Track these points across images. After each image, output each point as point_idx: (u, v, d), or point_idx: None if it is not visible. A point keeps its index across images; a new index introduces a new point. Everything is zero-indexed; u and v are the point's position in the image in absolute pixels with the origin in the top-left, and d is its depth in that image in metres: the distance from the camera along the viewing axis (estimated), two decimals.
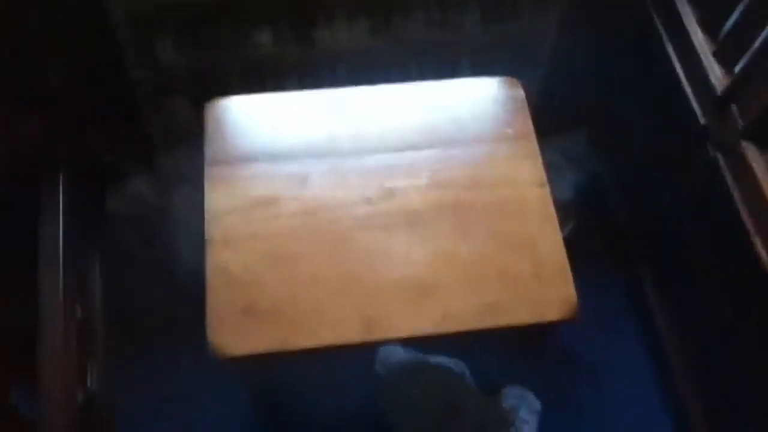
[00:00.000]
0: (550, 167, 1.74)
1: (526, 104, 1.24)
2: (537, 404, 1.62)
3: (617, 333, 1.79)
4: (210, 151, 1.16)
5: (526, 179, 1.16)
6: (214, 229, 1.09)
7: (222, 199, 1.11)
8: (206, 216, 1.10)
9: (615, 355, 1.79)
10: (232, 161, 1.15)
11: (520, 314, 1.05)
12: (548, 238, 1.11)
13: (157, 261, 1.84)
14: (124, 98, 1.74)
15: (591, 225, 1.88)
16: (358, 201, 1.12)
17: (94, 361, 1.41)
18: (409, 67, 1.78)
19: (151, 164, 1.87)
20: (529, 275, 1.08)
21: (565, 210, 1.82)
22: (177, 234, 1.86)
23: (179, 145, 1.87)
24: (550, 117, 1.92)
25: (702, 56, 1.33)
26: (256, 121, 1.19)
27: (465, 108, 1.22)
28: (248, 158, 1.15)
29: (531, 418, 1.58)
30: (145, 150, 1.84)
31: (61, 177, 1.58)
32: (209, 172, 1.14)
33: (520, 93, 1.25)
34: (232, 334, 1.01)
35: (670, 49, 1.43)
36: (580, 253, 1.20)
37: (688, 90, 1.37)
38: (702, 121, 1.34)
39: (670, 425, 1.68)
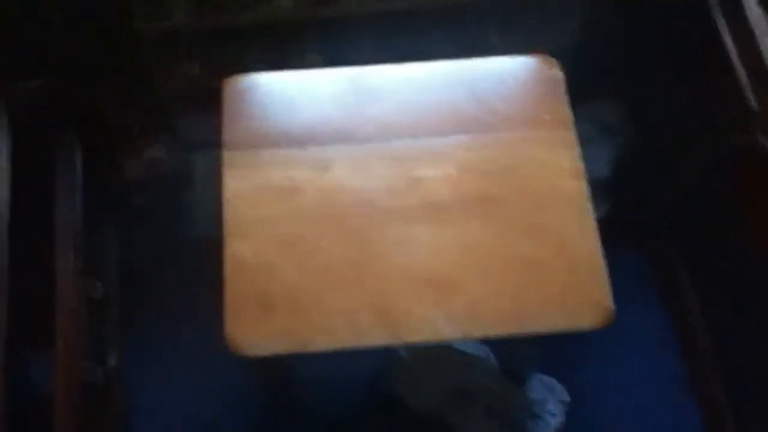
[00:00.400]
0: (584, 140, 1.66)
1: (563, 86, 1.15)
2: (565, 395, 1.58)
3: (647, 317, 1.74)
4: (228, 133, 1.10)
5: (561, 170, 1.09)
6: (231, 218, 1.04)
7: (240, 186, 1.06)
8: (224, 204, 1.05)
9: (644, 340, 1.74)
10: (250, 145, 1.09)
11: (552, 320, 1.00)
12: (584, 236, 1.05)
13: (174, 227, 1.81)
14: (139, 61, 1.68)
15: (626, 203, 1.80)
16: (383, 191, 1.06)
17: (112, 339, 1.39)
18: (435, 32, 1.69)
19: (168, 129, 1.82)
20: (563, 277, 1.02)
21: (600, 189, 1.74)
22: (195, 200, 1.82)
23: (197, 110, 1.82)
24: (584, 83, 1.83)
25: (758, 34, 1.23)
26: (277, 102, 1.13)
27: (498, 90, 1.14)
28: (268, 142, 1.09)
29: (558, 411, 1.54)
30: (161, 115, 1.79)
31: (77, 142, 1.53)
32: (227, 157, 1.09)
33: (558, 74, 1.16)
34: (250, 331, 0.97)
35: (721, 23, 1.32)
36: (612, 233, 1.13)
37: (739, 69, 1.27)
38: (753, 104, 1.25)
39: (698, 418, 1.65)
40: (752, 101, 1.25)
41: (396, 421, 1.50)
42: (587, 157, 1.74)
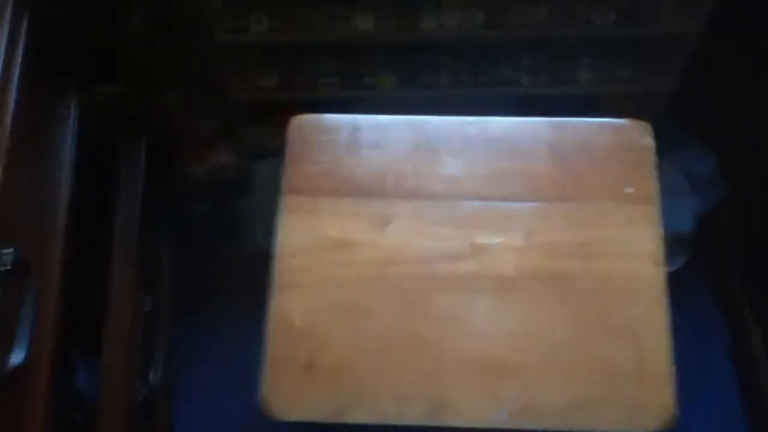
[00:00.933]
0: (671, 190, 1.55)
1: (653, 157, 1.05)
2: None
3: (713, 379, 1.62)
4: (289, 177, 1.05)
5: (641, 253, 0.99)
6: (282, 269, 1.00)
7: (295, 235, 1.01)
8: (276, 254, 1.01)
9: (705, 402, 1.63)
10: (311, 192, 1.04)
11: (612, 418, 0.92)
12: (655, 330, 0.95)
13: (233, 237, 1.80)
14: (210, 67, 1.66)
15: (705, 258, 1.68)
16: (443, 255, 1.00)
17: (159, 354, 1.39)
18: (521, 64, 1.59)
19: (236, 136, 1.80)
20: (629, 372, 0.93)
21: (680, 243, 1.63)
22: (254, 209, 1.80)
23: (264, 120, 1.78)
24: (675, 129, 1.71)
25: None
26: (343, 147, 1.07)
27: (581, 156, 1.05)
28: (330, 191, 1.04)
29: None
30: (231, 123, 1.77)
31: (142, 147, 1.52)
32: (285, 202, 1.04)
33: (649, 142, 1.06)
34: (288, 395, 0.93)
35: None
36: (686, 288, 1.03)
37: None
38: None
39: None
40: None
41: None
42: (672, 207, 1.63)
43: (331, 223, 1.02)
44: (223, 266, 1.79)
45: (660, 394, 0.93)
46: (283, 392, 0.93)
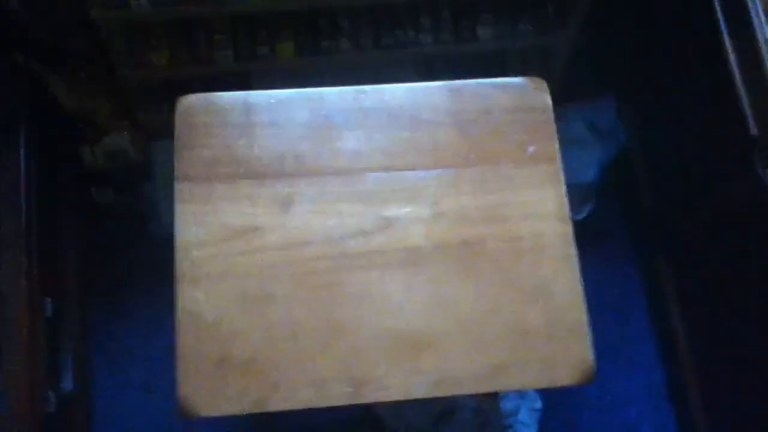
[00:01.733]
0: (576, 141, 1.57)
1: (552, 114, 1.05)
2: (538, 402, 1.54)
3: (627, 323, 1.68)
4: (180, 163, 1.00)
5: (546, 212, 1.00)
6: (183, 264, 0.95)
7: (193, 226, 0.96)
8: (175, 247, 0.96)
9: (622, 345, 1.69)
10: (206, 178, 0.99)
11: (528, 378, 0.93)
12: (566, 285, 0.97)
13: (139, 225, 1.72)
14: (97, 47, 1.55)
15: (613, 205, 1.73)
16: (350, 232, 0.97)
17: (68, 360, 1.31)
18: (422, 24, 1.56)
19: (131, 117, 1.70)
20: (542, 332, 0.94)
21: (586, 192, 1.66)
22: (157, 194, 1.72)
23: (160, 98, 1.69)
24: (577, 81, 1.73)
25: (764, 52, 1.13)
26: (236, 127, 1.02)
27: (481, 119, 1.04)
28: (225, 175, 0.99)
29: (531, 419, 1.51)
30: (124, 102, 1.67)
31: (20, 134, 1.40)
32: (179, 190, 0.98)
33: (546, 99, 1.06)
34: (204, 392, 0.90)
35: (727, 40, 1.22)
36: (595, 234, 1.06)
37: (742, 92, 1.18)
38: (753, 131, 1.16)
39: (673, 422, 1.62)
40: (751, 126, 1.16)
41: None
42: (576, 158, 1.65)
43: (230, 210, 0.98)
44: (132, 255, 1.71)
45: (575, 351, 0.94)
46: (198, 389, 0.90)
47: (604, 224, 1.50)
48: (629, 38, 1.65)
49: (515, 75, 1.08)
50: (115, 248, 1.70)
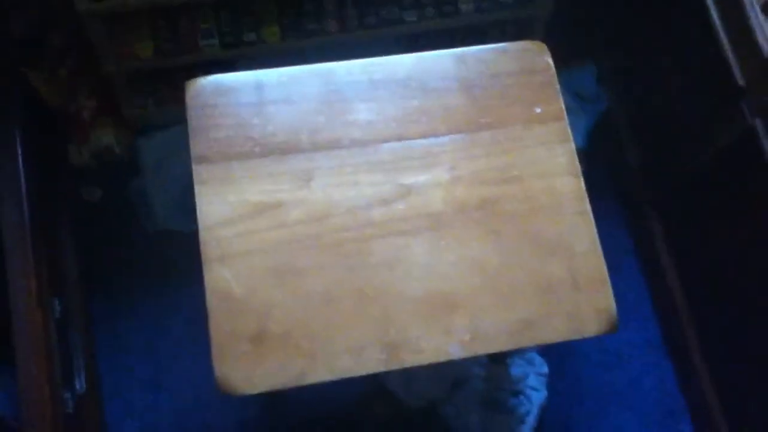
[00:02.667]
0: None
1: (555, 75, 1.08)
2: (544, 367, 1.57)
3: (621, 281, 1.73)
4: (196, 145, 0.99)
5: (558, 168, 1.03)
6: (208, 244, 0.95)
7: (215, 206, 0.97)
8: (199, 227, 0.96)
9: (618, 304, 1.73)
10: (223, 158, 0.99)
11: (557, 330, 0.96)
12: (584, 239, 1.00)
13: (126, 213, 1.69)
14: (77, 41, 1.52)
15: (599, 168, 1.77)
16: (372, 202, 0.99)
17: (79, 360, 1.29)
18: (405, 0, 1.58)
19: (116, 112, 1.67)
20: (566, 284, 0.97)
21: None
22: (147, 189, 1.70)
23: (145, 92, 1.67)
24: (556, 49, 1.76)
25: (748, 8, 1.18)
26: (248, 106, 1.02)
27: (486, 83, 1.06)
28: (242, 154, 0.99)
29: (539, 383, 1.54)
30: (107, 99, 1.64)
31: (18, 134, 1.37)
32: (198, 172, 0.98)
33: (548, 61, 1.09)
34: (241, 368, 0.90)
35: None
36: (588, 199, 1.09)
37: (727, 45, 1.22)
38: (740, 82, 1.21)
39: (672, 373, 1.67)
40: (738, 77, 1.21)
41: (389, 411, 1.48)
42: None
43: (250, 188, 0.98)
44: (127, 251, 1.69)
45: (599, 299, 0.98)
46: (237, 367, 0.90)
47: (592, 188, 1.54)
48: (605, 3, 1.69)
49: None
50: (109, 245, 1.67)
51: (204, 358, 0.94)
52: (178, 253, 1.60)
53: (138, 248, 1.66)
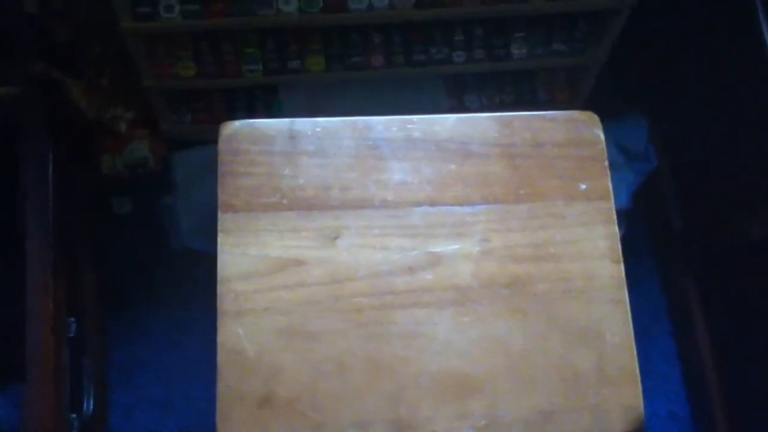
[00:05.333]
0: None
1: (604, 149, 1.02)
2: None
3: (653, 348, 1.66)
4: (224, 192, 0.96)
5: (597, 251, 0.97)
6: (225, 297, 0.91)
7: (236, 258, 0.93)
8: (218, 279, 0.93)
9: (647, 370, 1.67)
10: (249, 207, 0.96)
11: (578, 425, 0.90)
12: (618, 329, 0.94)
13: (154, 229, 1.68)
14: (118, 56, 1.51)
15: (641, 228, 1.70)
16: (398, 269, 0.94)
17: (90, 382, 1.28)
18: (455, 41, 1.53)
19: (152, 126, 1.66)
20: (593, 376, 0.92)
21: (618, 217, 1.64)
22: (177, 206, 1.68)
23: (183, 108, 1.66)
24: (606, 101, 1.70)
25: None
26: (280, 156, 0.99)
27: (531, 153, 1.01)
28: (269, 205, 0.96)
29: None
30: (144, 111, 1.63)
31: (49, 150, 1.36)
32: (222, 220, 0.95)
33: (598, 133, 1.03)
34: (244, 430, 0.87)
35: None
36: (624, 258, 1.04)
37: None
38: None
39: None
40: None
41: None
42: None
43: (273, 242, 0.95)
44: (150, 267, 1.68)
45: (626, 395, 0.92)
46: (239, 428, 0.87)
47: (633, 247, 1.49)
48: (661, 56, 1.62)
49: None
50: (133, 261, 1.67)
51: (212, 384, 0.91)
52: (200, 273, 1.58)
53: (161, 265, 1.65)
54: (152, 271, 1.65)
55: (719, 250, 1.51)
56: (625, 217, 1.63)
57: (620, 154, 1.60)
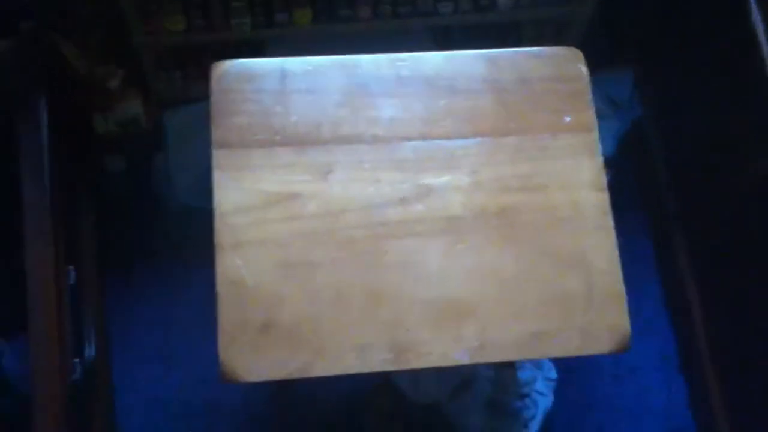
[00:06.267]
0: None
1: (588, 85, 1.05)
2: (553, 372, 1.56)
3: (640, 293, 1.71)
4: (217, 130, 0.98)
5: (583, 181, 1.00)
6: (222, 230, 0.94)
7: (231, 193, 0.96)
8: (215, 214, 0.95)
9: (636, 315, 1.71)
10: (243, 144, 0.98)
11: (567, 345, 0.94)
12: (604, 254, 0.98)
13: (153, 195, 1.70)
14: (108, 13, 1.52)
15: (627, 177, 1.73)
16: (390, 201, 0.97)
17: (90, 328, 1.31)
18: None
19: (143, 84, 1.67)
20: (580, 299, 0.95)
21: (605, 164, 1.67)
22: (169, 163, 1.70)
23: (173, 65, 1.67)
24: (592, 52, 1.72)
25: None
26: (272, 94, 1.01)
27: (518, 88, 1.03)
28: (262, 142, 0.98)
29: (546, 388, 1.53)
30: (136, 68, 1.64)
31: (43, 102, 1.37)
32: (217, 157, 0.98)
33: (582, 69, 1.06)
34: (246, 357, 0.90)
35: (754, 7, 1.22)
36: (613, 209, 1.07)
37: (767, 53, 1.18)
38: None
39: (684, 391, 1.65)
40: None
41: (393, 406, 1.47)
42: None
43: (268, 177, 0.97)
44: (144, 225, 1.70)
45: (614, 317, 0.95)
46: (242, 356, 0.90)
47: (618, 196, 1.52)
48: (647, 7, 1.64)
49: (532, 46, 1.08)
50: (128, 217, 1.69)
51: (211, 337, 0.94)
52: (195, 229, 1.60)
53: (156, 222, 1.67)
54: (147, 229, 1.67)
55: (705, 198, 1.54)
56: (611, 165, 1.66)
57: (606, 103, 1.63)
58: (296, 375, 0.90)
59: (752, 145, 1.34)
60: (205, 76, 1.02)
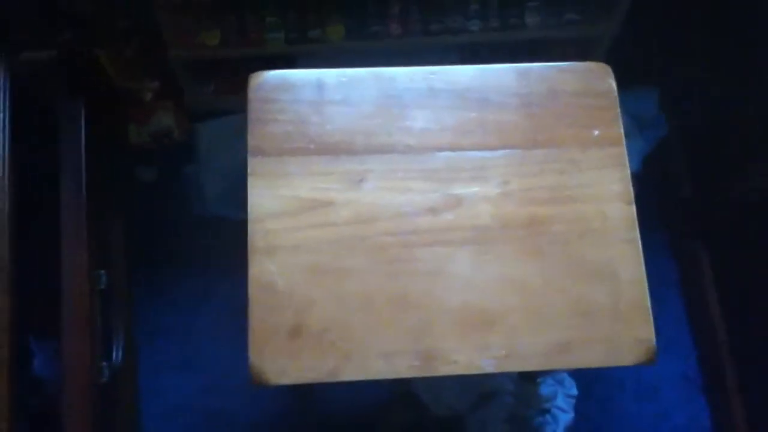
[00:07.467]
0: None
1: (616, 99, 1.07)
2: (574, 388, 1.56)
3: (663, 312, 1.70)
4: (253, 137, 1.01)
5: (611, 194, 1.02)
6: (256, 235, 0.96)
7: (266, 199, 0.98)
8: (249, 218, 0.98)
9: (658, 333, 1.70)
10: (278, 152, 1.01)
11: (593, 356, 0.95)
12: (630, 267, 0.99)
13: (183, 204, 1.73)
14: (143, 26, 1.57)
15: (650, 195, 1.74)
16: (420, 210, 0.99)
17: (119, 332, 1.33)
18: (471, 10, 1.57)
19: (177, 96, 1.71)
20: (606, 311, 0.96)
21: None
22: (200, 174, 1.73)
23: (206, 79, 1.71)
24: (618, 71, 1.74)
25: None
26: (308, 104, 1.04)
27: (546, 101, 1.05)
28: (298, 150, 1.01)
29: (567, 404, 1.53)
30: (171, 81, 1.68)
31: (81, 108, 1.41)
32: (253, 164, 1.00)
33: (611, 85, 1.08)
34: (276, 360, 0.92)
35: None
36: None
37: None
38: None
39: (706, 412, 1.64)
40: None
41: (412, 417, 1.48)
42: None
43: (302, 184, 0.99)
44: (173, 235, 1.73)
45: (639, 329, 0.96)
46: (272, 358, 0.91)
47: (642, 214, 1.53)
48: (672, 27, 1.66)
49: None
50: (158, 226, 1.72)
51: (235, 346, 0.95)
52: (223, 239, 1.64)
53: (185, 231, 1.70)
54: (176, 237, 1.71)
55: (727, 214, 1.54)
56: (635, 183, 1.67)
57: (631, 121, 1.64)
58: (325, 379, 0.92)
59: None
60: (235, 91, 1.05)
